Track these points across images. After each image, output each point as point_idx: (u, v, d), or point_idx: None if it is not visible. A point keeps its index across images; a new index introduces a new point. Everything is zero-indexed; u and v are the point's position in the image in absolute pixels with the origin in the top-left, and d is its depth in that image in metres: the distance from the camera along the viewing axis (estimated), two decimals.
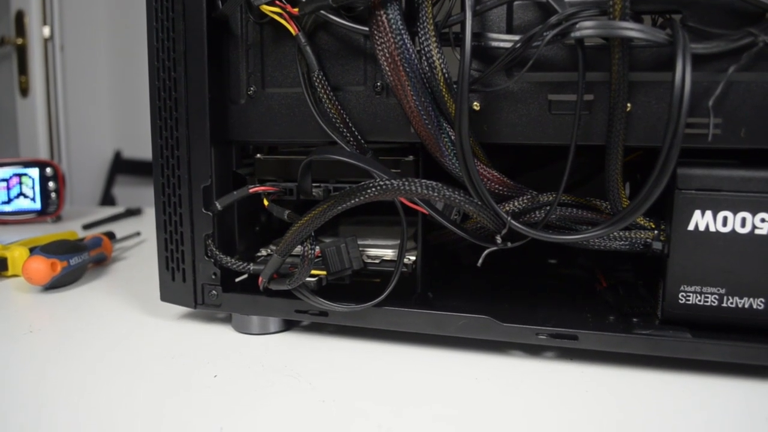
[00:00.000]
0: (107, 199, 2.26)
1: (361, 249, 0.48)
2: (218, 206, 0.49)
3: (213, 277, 0.50)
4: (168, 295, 0.52)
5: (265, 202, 0.49)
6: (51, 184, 1.07)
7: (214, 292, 0.50)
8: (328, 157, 0.43)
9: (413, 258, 0.49)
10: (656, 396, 0.40)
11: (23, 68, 2.05)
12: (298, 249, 0.46)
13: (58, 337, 0.51)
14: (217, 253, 0.49)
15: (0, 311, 0.58)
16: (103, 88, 2.29)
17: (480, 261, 0.44)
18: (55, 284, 0.64)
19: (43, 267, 0.62)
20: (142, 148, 2.27)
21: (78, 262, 0.66)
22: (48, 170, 1.07)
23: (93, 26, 2.21)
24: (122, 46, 2.23)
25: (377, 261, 0.49)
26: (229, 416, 0.37)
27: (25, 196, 1.06)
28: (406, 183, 0.40)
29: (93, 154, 2.27)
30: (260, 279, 0.47)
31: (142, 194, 2.23)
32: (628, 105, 0.40)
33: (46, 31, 2.03)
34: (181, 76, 0.47)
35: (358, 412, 0.38)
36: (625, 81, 0.38)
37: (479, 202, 0.41)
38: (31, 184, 1.06)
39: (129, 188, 2.30)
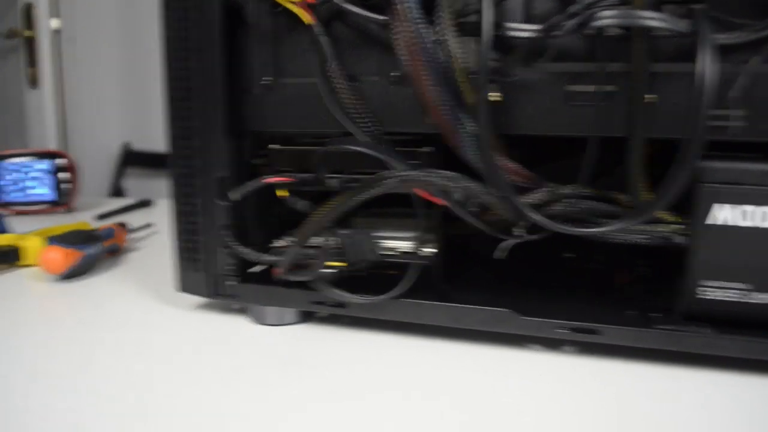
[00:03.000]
0: (116, 191, 2.26)
1: (378, 240, 0.48)
2: (233, 197, 0.48)
3: (229, 267, 0.50)
4: (184, 285, 0.52)
5: (280, 193, 0.49)
6: (64, 175, 1.07)
7: (230, 282, 0.50)
8: (345, 147, 0.43)
9: (431, 250, 0.49)
10: (677, 391, 0.40)
11: (32, 60, 2.06)
12: (315, 240, 0.45)
13: (76, 326, 0.51)
14: (234, 243, 0.48)
15: (17, 300, 0.58)
16: (112, 80, 2.29)
17: (500, 253, 0.44)
18: (71, 274, 0.65)
19: (59, 257, 0.62)
20: (151, 140, 2.27)
21: (93, 252, 0.67)
22: (61, 161, 1.07)
23: (102, 18, 2.21)
24: (131, 37, 2.23)
25: (395, 253, 0.49)
26: (246, 406, 0.37)
27: (38, 187, 1.06)
28: (425, 174, 0.40)
29: (102, 146, 2.27)
30: (277, 270, 0.47)
31: (151, 186, 2.23)
32: (649, 96, 0.39)
33: (55, 23, 2.04)
34: (196, 66, 0.47)
35: (376, 405, 0.37)
36: (646, 71, 0.38)
37: (498, 194, 0.41)
38: (44, 175, 1.06)
39: (138, 180, 2.30)
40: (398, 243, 0.51)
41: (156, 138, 2.23)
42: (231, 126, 0.48)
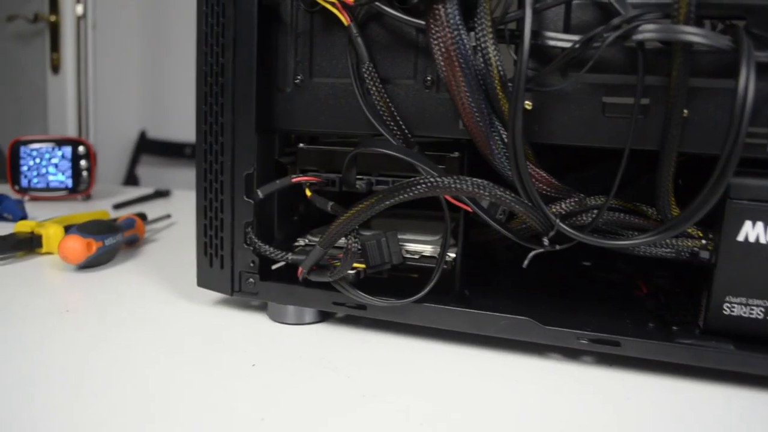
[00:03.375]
0: (131, 179, 2.27)
1: (401, 244, 0.48)
2: (260, 194, 0.48)
3: (251, 265, 0.50)
4: (205, 280, 0.52)
5: (308, 193, 0.49)
6: (83, 162, 1.07)
7: (251, 280, 0.50)
8: (376, 149, 0.43)
9: (453, 255, 0.49)
10: (698, 407, 0.39)
11: (55, 45, 2.07)
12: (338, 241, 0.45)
13: (94, 318, 0.51)
14: (257, 241, 0.49)
15: (35, 289, 0.59)
16: (132, 67, 2.30)
17: (526, 262, 0.43)
18: (90, 264, 0.65)
19: (79, 246, 0.63)
20: (166, 129, 2.28)
21: (112, 242, 0.67)
22: (81, 148, 1.07)
23: (125, 5, 2.22)
24: (153, 26, 2.24)
25: (416, 256, 0.49)
26: (271, 407, 0.37)
27: (57, 174, 1.07)
28: (456, 181, 0.40)
29: (119, 133, 2.28)
30: (300, 269, 0.47)
31: (165, 175, 2.24)
32: (686, 111, 0.39)
33: (80, 8, 2.05)
34: (229, 62, 0.47)
35: (400, 409, 0.37)
36: (684, 86, 0.37)
37: (528, 203, 0.41)
38: (63, 162, 1.07)
39: (153, 168, 2.31)
40: (420, 246, 0.51)
41: (171, 127, 2.25)
42: (261, 123, 0.48)
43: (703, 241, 0.43)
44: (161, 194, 1.16)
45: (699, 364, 0.42)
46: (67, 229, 0.67)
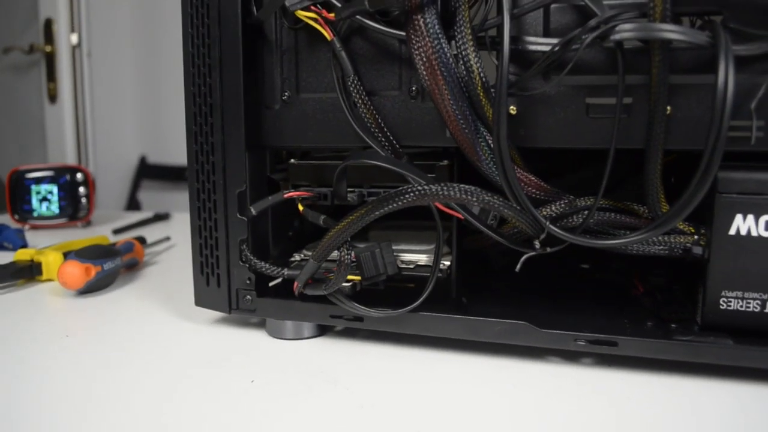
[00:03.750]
0: (133, 204, 2.28)
1: (394, 254, 0.48)
2: (253, 211, 0.49)
3: (247, 282, 0.50)
4: (202, 300, 0.52)
5: (300, 207, 0.49)
6: (81, 189, 1.08)
7: (248, 297, 0.50)
8: (365, 162, 0.43)
9: (447, 263, 0.49)
10: (698, 403, 0.39)
11: (52, 75, 2.09)
12: (332, 254, 0.46)
13: (95, 341, 0.52)
14: (252, 258, 0.49)
15: (35, 316, 0.59)
16: (129, 94, 2.32)
17: (518, 266, 0.44)
18: (90, 289, 0.65)
19: (78, 272, 0.63)
20: (166, 154, 2.30)
21: (111, 266, 0.67)
22: (78, 176, 1.08)
23: (120, 33, 2.24)
24: (148, 52, 2.26)
25: (411, 266, 0.49)
26: (270, 421, 0.37)
27: (56, 201, 1.08)
28: (444, 188, 0.40)
29: (119, 160, 2.30)
30: (296, 284, 0.47)
31: (167, 199, 2.25)
32: (668, 108, 0.39)
33: (74, 38, 2.07)
34: (217, 81, 0.47)
35: (398, 418, 0.37)
36: (665, 84, 0.38)
37: (517, 207, 0.41)
38: (62, 190, 1.08)
39: (154, 193, 2.33)
40: (415, 256, 0.51)
41: (171, 151, 2.26)
42: (251, 141, 0.48)
43: (696, 237, 0.43)
44: (161, 217, 1.16)
45: (698, 360, 0.42)
46: (67, 255, 0.67)
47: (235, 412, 0.38)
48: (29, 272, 0.70)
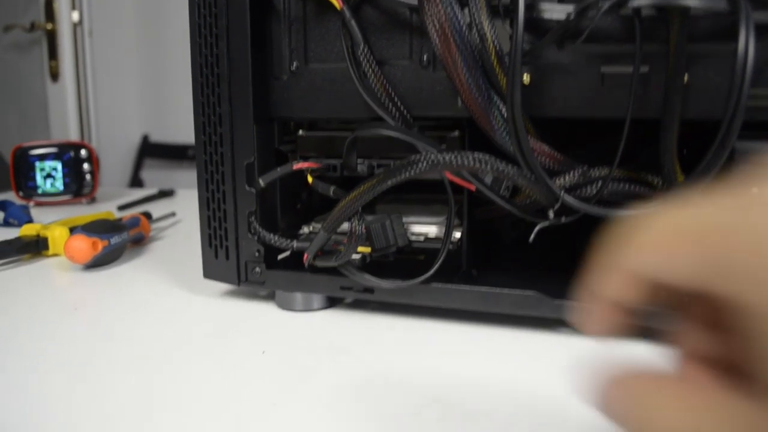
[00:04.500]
0: (136, 183, 2.28)
1: (407, 226, 0.48)
2: (262, 183, 0.48)
3: (256, 254, 0.50)
4: (211, 272, 0.52)
5: (309, 179, 0.49)
6: (86, 166, 1.08)
7: (257, 269, 0.50)
8: (376, 131, 0.43)
9: (458, 235, 0.49)
10: None
11: (53, 53, 2.08)
12: (342, 226, 0.45)
13: (103, 314, 0.51)
14: (261, 230, 0.48)
15: (43, 290, 0.59)
16: (131, 72, 2.31)
17: (532, 236, 0.43)
18: (96, 263, 0.65)
19: (84, 246, 0.63)
20: (169, 132, 2.29)
21: (118, 241, 0.67)
22: (83, 152, 1.08)
23: (121, 10, 2.22)
24: (150, 30, 2.24)
25: (421, 238, 0.49)
26: (282, 392, 0.37)
27: (61, 178, 1.07)
28: (458, 156, 0.39)
29: (121, 138, 2.29)
30: (306, 256, 0.47)
31: (170, 177, 2.25)
32: (686, 77, 0.39)
33: (75, 16, 2.05)
34: (224, 52, 0.47)
35: (415, 389, 0.37)
36: (683, 52, 0.37)
37: (531, 176, 0.41)
38: (66, 167, 1.07)
39: (157, 171, 2.32)
40: (425, 228, 0.51)
41: (174, 130, 2.26)
42: (259, 112, 0.48)
43: None
44: (165, 194, 1.16)
45: None
46: (72, 230, 0.67)
47: (247, 384, 0.38)
48: (35, 247, 0.70)
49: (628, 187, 0.43)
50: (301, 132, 0.51)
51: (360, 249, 0.47)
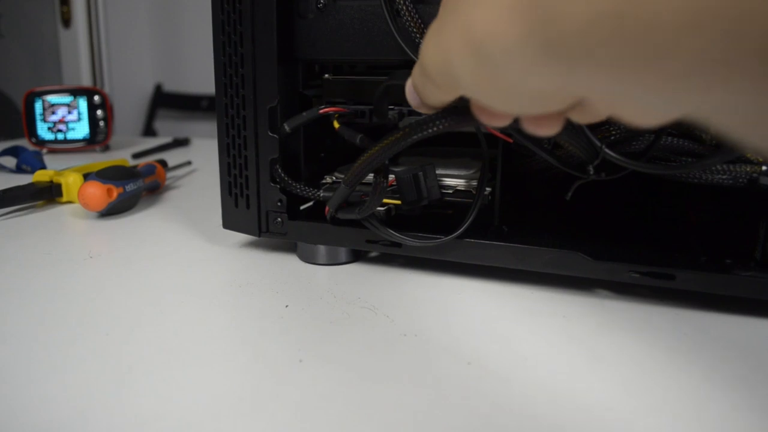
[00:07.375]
0: (149, 133, 2.26)
1: (438, 179, 0.45)
2: (287, 128, 0.46)
3: (278, 204, 0.47)
4: (231, 222, 0.50)
5: (336, 125, 0.46)
6: (99, 112, 1.05)
7: (279, 219, 0.48)
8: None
9: (489, 189, 0.46)
10: (754, 342, 0.37)
11: None
12: (369, 176, 0.43)
13: (119, 262, 0.50)
14: (286, 177, 0.46)
15: (57, 237, 0.57)
16: (145, 19, 2.26)
17: (569, 194, 0.41)
18: (111, 210, 0.63)
19: (99, 192, 0.61)
20: (182, 82, 2.26)
21: (133, 188, 0.65)
22: (96, 98, 1.05)
23: None
24: None
25: (450, 191, 0.47)
26: (308, 347, 0.35)
27: (74, 125, 1.05)
28: None
29: (134, 87, 2.26)
30: (327, 209, 0.45)
31: (183, 128, 2.23)
32: None
33: None
34: None
35: (444, 348, 0.35)
36: None
37: (571, 127, 0.38)
38: (79, 112, 1.05)
39: (170, 122, 2.30)
40: (454, 181, 0.48)
41: (187, 79, 2.22)
42: (283, 53, 0.45)
43: (764, 167, 0.39)
44: (180, 143, 1.14)
45: (756, 296, 0.39)
46: (87, 177, 0.65)
47: (270, 339, 0.36)
48: (49, 193, 0.68)
49: (676, 141, 0.40)
50: (326, 75, 0.48)
51: (385, 200, 0.45)
